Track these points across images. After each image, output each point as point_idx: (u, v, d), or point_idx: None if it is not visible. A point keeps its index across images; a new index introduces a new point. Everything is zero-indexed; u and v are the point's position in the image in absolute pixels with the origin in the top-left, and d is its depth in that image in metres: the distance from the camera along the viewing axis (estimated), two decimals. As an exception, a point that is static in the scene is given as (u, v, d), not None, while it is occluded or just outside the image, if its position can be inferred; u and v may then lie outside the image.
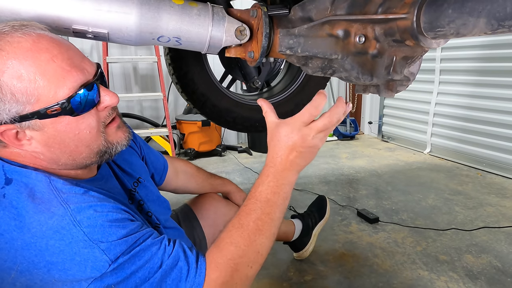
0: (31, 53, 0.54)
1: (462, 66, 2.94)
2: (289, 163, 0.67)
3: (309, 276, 1.49)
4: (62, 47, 0.58)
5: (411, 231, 1.85)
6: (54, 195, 0.56)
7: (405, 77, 0.77)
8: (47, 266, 0.52)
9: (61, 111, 0.56)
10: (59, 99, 0.56)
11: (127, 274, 0.55)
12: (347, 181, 2.66)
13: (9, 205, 0.54)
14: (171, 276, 0.58)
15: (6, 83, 0.53)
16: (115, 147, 0.66)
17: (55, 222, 0.53)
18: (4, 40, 0.54)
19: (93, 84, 0.60)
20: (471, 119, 2.89)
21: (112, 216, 0.57)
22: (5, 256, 0.52)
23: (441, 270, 1.50)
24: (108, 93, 0.62)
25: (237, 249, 0.63)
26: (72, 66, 0.57)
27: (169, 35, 0.85)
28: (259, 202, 0.66)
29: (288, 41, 0.81)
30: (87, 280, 0.52)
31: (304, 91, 1.65)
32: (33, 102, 0.54)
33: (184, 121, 3.34)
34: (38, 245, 0.52)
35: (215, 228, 1.12)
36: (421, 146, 3.42)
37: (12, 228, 0.53)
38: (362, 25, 0.73)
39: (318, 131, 0.67)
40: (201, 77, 1.44)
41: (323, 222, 1.65)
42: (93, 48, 3.27)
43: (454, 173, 2.75)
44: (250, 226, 0.65)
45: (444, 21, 0.57)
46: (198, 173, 1.18)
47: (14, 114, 0.54)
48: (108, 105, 0.63)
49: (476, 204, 2.16)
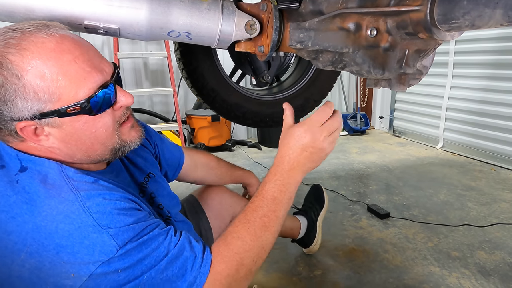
0: (54, 53, 0.56)
1: (477, 59, 2.87)
2: (296, 162, 0.71)
3: (319, 271, 1.49)
4: (83, 48, 0.60)
5: (422, 226, 1.83)
6: (65, 182, 0.58)
7: (417, 71, 0.76)
8: (56, 248, 0.53)
9: (80, 110, 0.58)
10: (79, 99, 0.58)
11: (134, 261, 0.56)
12: (357, 176, 2.65)
13: (22, 190, 0.56)
14: (176, 264, 0.60)
15: (30, 82, 0.54)
16: (128, 145, 0.68)
17: (65, 207, 0.55)
18: (29, 40, 0.55)
19: (110, 84, 0.62)
20: (485, 113, 2.83)
21: (120, 205, 0.59)
22: (16, 238, 0.54)
23: (453, 266, 1.49)
24: (124, 94, 0.65)
25: (243, 243, 0.65)
26: (92, 67, 0.59)
27: (179, 30, 0.85)
28: (265, 200, 0.69)
29: (298, 35, 0.80)
30: (95, 263, 0.54)
31: (314, 86, 1.64)
32: (54, 100, 0.56)
33: (194, 116, 3.35)
34: (48, 228, 0.54)
35: (220, 220, 1.15)
36: (433, 141, 3.37)
37: (24, 211, 0.55)
38: (374, 18, 0.72)
39: (328, 132, 0.71)
40: (210, 72, 1.44)
41: (323, 211, 1.65)
42: (104, 44, 3.30)
43: (467, 169, 2.70)
44: (256, 222, 0.67)
45: (458, 13, 0.55)
46: (218, 165, 1.19)
47: (35, 112, 0.56)
48: (124, 104, 0.65)
49: (489, 200, 2.13)
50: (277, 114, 1.61)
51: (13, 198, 0.56)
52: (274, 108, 1.60)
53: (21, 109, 0.55)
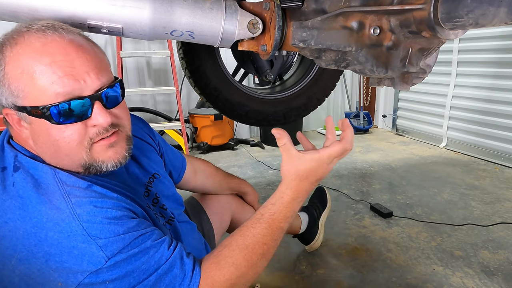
0: (36, 54, 0.56)
1: (481, 58, 2.85)
2: (304, 192, 0.71)
3: (322, 270, 1.49)
4: (71, 55, 0.57)
5: (425, 226, 1.82)
6: (58, 187, 0.58)
7: (421, 70, 0.76)
8: (45, 256, 0.53)
9: (41, 115, 0.57)
10: (40, 103, 0.57)
11: (123, 273, 0.56)
12: (360, 175, 2.64)
13: (16, 195, 0.57)
14: (165, 281, 0.60)
15: (8, 74, 0.57)
16: (100, 165, 0.63)
17: (55, 214, 0.55)
18: (24, 37, 0.57)
19: (86, 99, 0.58)
20: (489, 112, 2.82)
21: (111, 213, 0.58)
22: (7, 243, 0.54)
23: (456, 266, 1.48)
24: (102, 114, 0.60)
25: (237, 270, 0.64)
26: (67, 74, 0.57)
27: (182, 29, 0.85)
28: (268, 227, 0.68)
29: (301, 33, 0.80)
30: (83, 273, 0.54)
31: (317, 85, 1.63)
32: (22, 97, 0.57)
33: (196, 115, 3.36)
34: (38, 235, 0.54)
35: (220, 217, 1.18)
36: (436, 140, 3.36)
37: (17, 217, 0.55)
38: (377, 17, 0.72)
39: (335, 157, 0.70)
40: (213, 71, 1.44)
41: (326, 211, 1.65)
42: (107, 43, 3.31)
43: (470, 168, 2.69)
44: (256, 250, 0.66)
45: (462, 11, 0.55)
46: (216, 173, 1.20)
47: (10, 103, 0.58)
48: (96, 124, 0.60)
49: (493, 199, 2.12)
50: (280, 113, 1.61)
51: (8, 202, 0.56)
52: (276, 107, 1.60)
53: (1, 96, 0.58)
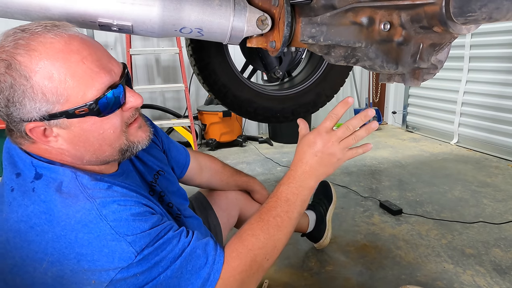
0: (62, 54, 0.55)
1: (494, 53, 2.80)
2: (308, 167, 0.75)
3: (330, 267, 1.49)
4: (91, 48, 0.59)
5: (436, 223, 1.80)
6: (80, 190, 0.59)
7: (432, 65, 0.75)
8: (77, 257, 0.55)
9: (89, 112, 0.58)
10: (87, 100, 0.57)
11: (151, 264, 0.58)
12: (369, 172, 2.62)
13: (38, 199, 0.57)
14: (191, 263, 0.62)
15: (38, 83, 0.54)
16: (136, 146, 0.68)
17: (82, 216, 0.56)
18: (37, 41, 0.55)
19: (119, 85, 0.61)
20: (502, 108, 2.76)
21: (135, 210, 0.60)
22: (36, 247, 0.55)
23: (467, 264, 1.47)
24: (133, 95, 0.64)
25: (257, 240, 0.69)
26: (101, 68, 0.59)
27: (191, 26, 0.85)
28: (279, 201, 0.74)
29: (310, 30, 0.80)
30: (115, 270, 0.55)
31: (326, 81, 1.62)
32: (62, 102, 0.56)
33: (205, 112, 3.37)
34: (68, 238, 0.55)
35: (228, 213, 1.18)
36: (447, 136, 3.31)
37: (43, 221, 0.56)
38: (387, 12, 0.71)
39: (338, 138, 0.75)
40: (222, 68, 1.44)
41: (332, 206, 1.65)
42: (117, 40, 3.33)
43: (482, 165, 2.65)
44: (270, 221, 0.71)
45: (475, 5, 0.54)
46: (223, 170, 1.19)
47: (43, 113, 0.56)
48: (133, 106, 0.64)
49: (506, 196, 2.08)
50: (288, 110, 1.61)
51: (31, 207, 0.57)
52: (285, 104, 1.59)
53: (29, 110, 0.55)
